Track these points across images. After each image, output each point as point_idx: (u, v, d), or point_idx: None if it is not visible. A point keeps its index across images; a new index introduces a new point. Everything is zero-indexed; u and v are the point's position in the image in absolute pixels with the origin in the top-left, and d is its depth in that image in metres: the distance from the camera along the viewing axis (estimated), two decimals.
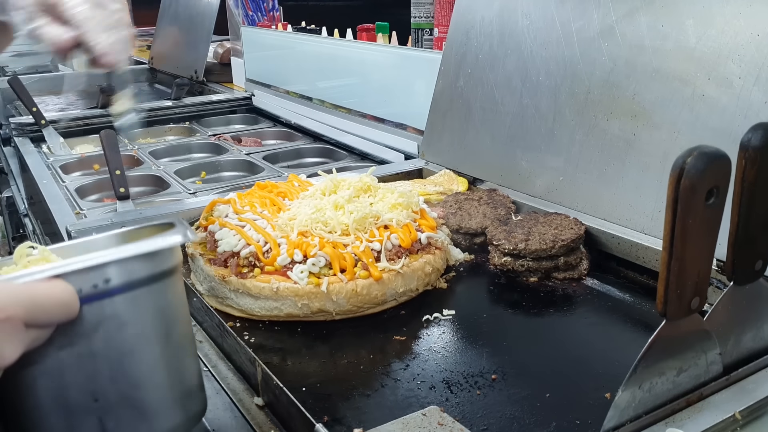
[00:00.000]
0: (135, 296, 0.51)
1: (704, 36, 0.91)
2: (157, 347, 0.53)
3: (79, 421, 0.50)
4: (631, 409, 0.58)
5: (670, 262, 0.54)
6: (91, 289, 0.49)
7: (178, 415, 0.54)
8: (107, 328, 0.49)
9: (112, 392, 0.50)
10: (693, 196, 0.52)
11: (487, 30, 1.24)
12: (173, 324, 0.55)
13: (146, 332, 0.52)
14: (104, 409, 0.50)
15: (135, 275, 0.51)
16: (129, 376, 0.51)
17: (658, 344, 0.57)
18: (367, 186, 1.04)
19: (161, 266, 0.53)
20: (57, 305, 0.46)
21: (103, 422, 0.50)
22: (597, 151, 1.04)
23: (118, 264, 0.50)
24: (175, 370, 0.54)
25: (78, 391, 0.49)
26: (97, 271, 0.49)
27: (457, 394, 0.72)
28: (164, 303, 0.54)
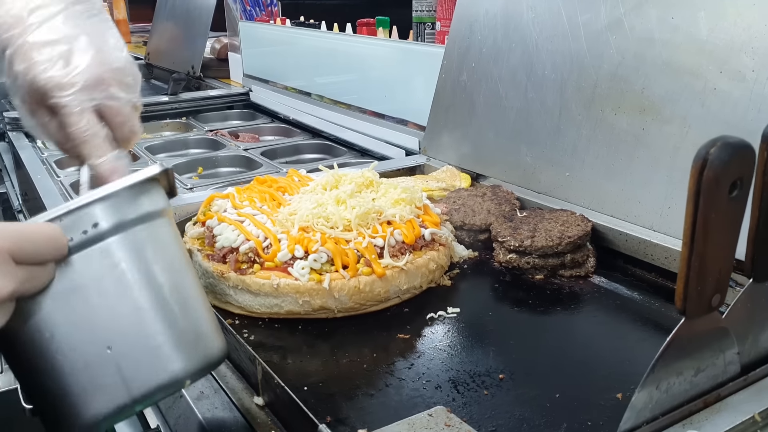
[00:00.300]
0: (128, 237, 0.51)
1: (716, 28, 0.89)
2: (160, 289, 0.52)
3: (98, 372, 0.49)
4: (648, 410, 0.56)
5: (690, 257, 0.52)
6: (81, 235, 0.49)
7: (194, 356, 0.53)
8: (106, 274, 0.49)
9: (123, 338, 0.50)
10: (716, 189, 0.50)
11: (492, 23, 1.22)
12: (173, 265, 0.54)
13: (145, 274, 0.51)
14: (119, 355, 0.49)
15: (123, 216, 0.51)
16: (136, 320, 0.50)
17: (676, 343, 0.55)
18: (369, 181, 1.02)
19: (148, 206, 0.53)
20: (43, 238, 0.46)
21: (120, 369, 0.50)
22: (604, 147, 1.02)
23: (103, 205, 0.50)
24: (182, 311, 0.53)
25: (90, 342, 0.49)
26: (83, 215, 0.49)
27: (464, 394, 0.70)
28: (160, 244, 0.54)
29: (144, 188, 0.53)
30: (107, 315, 0.49)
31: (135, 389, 0.50)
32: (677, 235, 0.91)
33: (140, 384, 0.51)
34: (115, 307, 0.50)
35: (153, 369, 0.51)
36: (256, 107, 2.42)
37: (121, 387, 0.50)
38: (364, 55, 1.82)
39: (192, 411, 0.74)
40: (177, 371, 0.52)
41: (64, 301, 0.48)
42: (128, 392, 0.50)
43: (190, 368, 0.53)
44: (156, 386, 0.51)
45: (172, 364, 0.52)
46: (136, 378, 0.50)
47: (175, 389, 0.54)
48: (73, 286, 0.49)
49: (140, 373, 0.50)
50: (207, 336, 0.56)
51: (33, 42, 0.62)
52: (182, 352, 0.52)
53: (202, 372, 0.55)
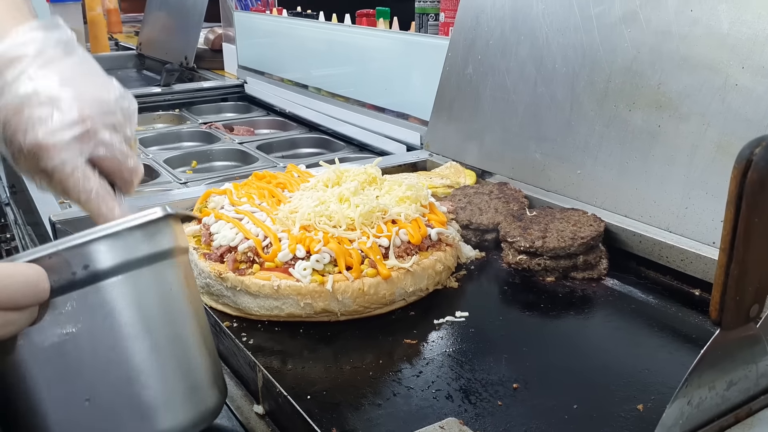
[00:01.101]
0: (124, 281, 0.47)
1: (738, 21, 0.85)
2: (151, 338, 0.48)
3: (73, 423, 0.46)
4: (678, 426, 0.53)
5: (729, 265, 0.48)
6: (69, 276, 0.45)
7: (186, 411, 0.50)
8: (92, 319, 0.46)
9: (105, 390, 0.46)
10: (761, 192, 0.46)
11: (499, 14, 1.18)
12: (172, 314, 0.50)
13: (140, 323, 0.47)
14: (98, 408, 0.46)
15: (120, 257, 0.47)
16: (121, 374, 0.47)
17: (710, 355, 0.51)
18: (373, 178, 0.98)
19: (150, 248, 0.49)
20: (20, 284, 0.43)
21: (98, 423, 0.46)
22: (618, 144, 0.98)
23: (98, 245, 0.46)
24: (177, 363, 0.50)
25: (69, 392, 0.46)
26: (74, 255, 0.45)
27: (477, 404, 0.66)
28: (161, 289, 0.50)
29: (148, 228, 0.49)
30: (89, 364, 0.46)
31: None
32: (694, 237, 0.88)
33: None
34: (98, 356, 0.46)
35: (135, 426, 0.47)
36: (251, 99, 2.37)
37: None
38: (364, 46, 1.78)
39: None
40: (162, 429, 0.48)
41: (44, 343, 0.45)
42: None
43: (178, 426, 0.49)
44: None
45: (158, 422, 0.48)
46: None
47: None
48: (55, 329, 0.45)
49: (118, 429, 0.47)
50: (203, 389, 0.52)
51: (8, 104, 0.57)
52: (171, 409, 0.49)
53: (194, 429, 0.51)
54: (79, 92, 0.59)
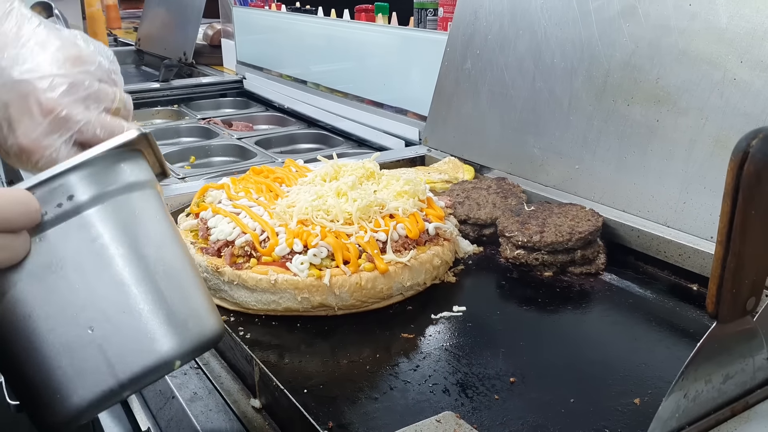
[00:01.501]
0: (107, 209, 0.48)
1: (737, 15, 0.85)
2: (144, 264, 0.49)
3: (80, 354, 0.46)
4: (674, 420, 0.53)
5: (725, 258, 0.48)
6: (56, 209, 0.46)
7: (184, 335, 0.50)
8: (84, 250, 0.46)
9: (105, 317, 0.47)
10: (757, 185, 0.46)
11: (498, 9, 1.18)
12: (160, 239, 0.51)
13: (130, 249, 0.48)
14: (101, 337, 0.46)
15: (101, 186, 0.48)
16: (120, 298, 0.47)
17: (706, 348, 0.51)
18: (371, 172, 0.98)
19: (129, 176, 0.50)
20: (12, 202, 0.43)
21: (104, 351, 0.47)
22: (616, 139, 0.98)
23: (77, 174, 0.46)
24: (171, 288, 0.50)
25: (70, 323, 0.46)
26: (57, 186, 0.46)
27: (474, 398, 0.66)
28: (144, 216, 0.50)
29: (123, 156, 0.50)
30: (87, 293, 0.46)
31: (121, 372, 0.47)
32: (692, 232, 0.88)
33: (126, 367, 0.47)
34: (95, 284, 0.47)
35: (139, 351, 0.47)
36: (249, 95, 2.37)
37: (106, 371, 0.47)
38: (362, 42, 1.77)
39: (185, 413, 0.70)
40: (165, 352, 0.48)
41: (39, 278, 0.45)
42: (114, 376, 0.47)
43: (179, 349, 0.49)
44: (143, 369, 0.48)
45: (160, 344, 0.48)
46: (121, 360, 0.47)
47: (166, 371, 0.50)
48: (49, 262, 0.46)
49: (126, 355, 0.47)
50: (199, 314, 0.52)
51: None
52: (171, 332, 0.49)
53: (194, 353, 0.51)
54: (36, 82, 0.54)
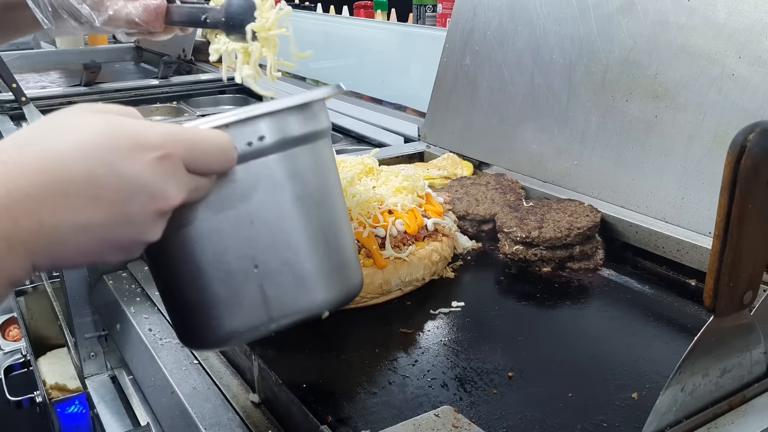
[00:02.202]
0: (290, 156, 0.49)
1: (735, 11, 0.85)
2: (315, 212, 0.50)
3: (241, 287, 0.48)
4: (672, 413, 0.53)
5: (723, 251, 0.48)
6: (245, 147, 0.47)
7: (337, 286, 0.52)
8: (264, 190, 0.48)
9: (271, 258, 0.48)
10: (755, 178, 0.46)
11: (496, 5, 1.18)
12: (329, 189, 0.53)
13: (303, 195, 0.50)
14: (264, 275, 0.48)
15: (288, 133, 0.49)
16: (288, 242, 0.49)
17: (704, 342, 0.52)
18: (369, 168, 0.98)
19: (314, 125, 0.51)
20: (216, 149, 0.45)
21: (263, 289, 0.49)
22: (615, 134, 0.98)
23: (271, 119, 0.48)
24: (333, 239, 0.52)
25: (238, 257, 0.48)
26: (250, 127, 0.47)
27: (472, 392, 0.66)
28: (320, 165, 0.52)
29: (313, 107, 0.51)
30: (259, 232, 0.48)
31: (274, 311, 0.49)
32: (690, 227, 0.88)
33: (280, 307, 0.49)
34: (267, 225, 0.48)
35: (295, 294, 0.50)
36: (248, 92, 2.36)
37: (261, 307, 0.49)
38: (362, 38, 1.77)
39: (184, 408, 0.70)
40: (318, 300, 0.51)
41: (218, 211, 0.47)
42: (267, 313, 0.49)
43: (331, 299, 0.52)
44: (295, 311, 0.50)
45: (315, 292, 0.50)
46: (277, 300, 0.49)
47: (314, 316, 0.52)
48: (229, 197, 0.47)
49: (282, 296, 0.49)
50: (351, 267, 0.54)
51: None
52: (326, 282, 0.51)
53: (341, 303, 0.54)
54: None
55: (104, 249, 0.42)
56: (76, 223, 0.40)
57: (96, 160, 0.40)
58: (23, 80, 2.40)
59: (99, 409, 1.00)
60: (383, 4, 1.74)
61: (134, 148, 0.41)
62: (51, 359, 1.50)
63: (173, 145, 0.42)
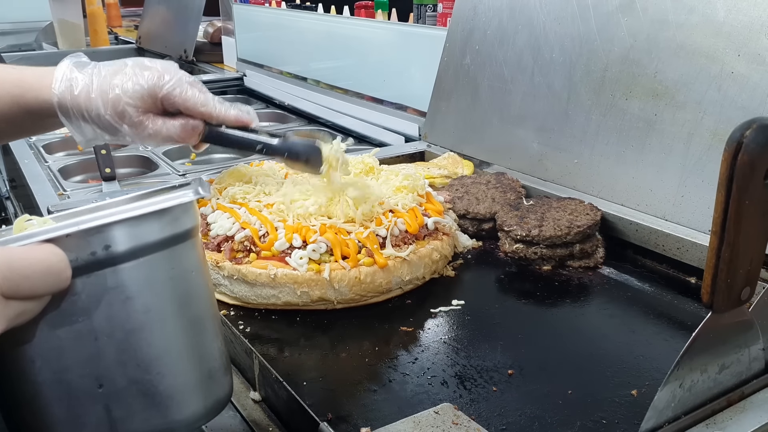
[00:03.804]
0: (143, 264, 0.44)
1: (734, 9, 0.85)
2: (169, 324, 0.46)
3: (83, 410, 0.44)
4: (670, 409, 0.53)
5: (720, 248, 0.48)
6: (88, 257, 0.42)
7: (197, 402, 0.48)
8: (110, 303, 0.43)
9: (118, 376, 0.44)
10: (751, 174, 0.46)
11: (497, 4, 1.18)
12: (189, 297, 0.48)
13: (156, 307, 0.45)
14: (110, 396, 0.44)
15: (140, 240, 0.44)
16: (137, 358, 0.44)
17: (702, 338, 0.52)
18: (370, 167, 0.98)
19: (172, 229, 0.46)
20: (41, 272, 0.39)
21: (110, 411, 0.44)
22: (615, 133, 0.98)
23: (121, 227, 0.43)
24: (191, 351, 0.47)
25: (80, 376, 0.43)
26: (95, 236, 0.42)
27: (472, 390, 0.66)
28: (178, 272, 0.47)
29: (174, 211, 0.46)
30: (105, 349, 0.43)
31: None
32: (690, 225, 0.88)
33: (129, 430, 0.45)
34: (114, 341, 0.43)
35: (146, 416, 0.45)
36: (250, 92, 2.37)
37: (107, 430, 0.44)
38: (362, 38, 1.78)
39: None
40: (176, 419, 0.46)
41: (57, 326, 0.42)
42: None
43: (190, 416, 0.47)
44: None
45: (171, 412, 0.46)
46: (125, 422, 0.45)
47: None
48: (69, 311, 0.42)
49: (131, 418, 0.45)
50: (217, 377, 0.50)
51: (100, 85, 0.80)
52: (183, 400, 0.47)
53: (203, 421, 0.49)
54: None
55: None
56: None
57: None
58: None
59: None
60: (384, 4, 1.74)
61: None
62: None
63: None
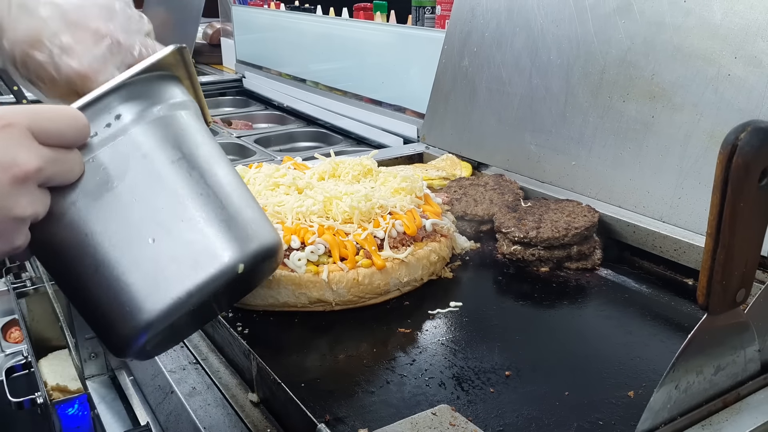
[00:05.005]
0: (152, 125, 0.49)
1: (731, 11, 0.85)
2: (196, 174, 0.50)
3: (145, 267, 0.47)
4: (666, 410, 0.53)
5: (715, 250, 0.49)
6: (105, 129, 0.47)
7: (242, 240, 0.51)
8: (136, 164, 0.48)
9: (163, 228, 0.48)
10: (746, 177, 0.46)
11: (495, 6, 1.18)
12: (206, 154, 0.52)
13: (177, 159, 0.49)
14: (164, 247, 0.48)
15: (144, 105, 0.49)
16: (175, 207, 0.48)
17: (697, 340, 0.52)
18: (368, 169, 0.99)
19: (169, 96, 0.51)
20: (63, 117, 0.45)
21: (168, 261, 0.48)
22: (612, 135, 0.98)
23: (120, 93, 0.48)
24: (223, 198, 0.51)
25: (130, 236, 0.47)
26: (103, 107, 0.47)
27: (469, 391, 0.66)
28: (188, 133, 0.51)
29: (163, 78, 0.52)
30: (144, 207, 0.47)
31: (188, 281, 0.48)
32: (687, 227, 0.89)
33: (191, 274, 0.48)
34: (150, 197, 0.48)
35: (201, 257, 0.48)
36: (249, 94, 2.38)
37: (173, 280, 0.47)
38: (361, 40, 1.78)
39: (183, 407, 0.70)
40: (227, 257, 0.49)
41: (97, 197, 0.47)
42: (181, 284, 0.47)
43: (240, 253, 0.50)
44: (208, 276, 0.48)
45: (221, 250, 0.49)
46: (185, 268, 0.48)
47: (230, 276, 0.50)
48: (104, 180, 0.47)
49: (188, 262, 0.48)
50: (255, 221, 0.53)
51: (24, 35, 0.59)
52: (228, 237, 0.50)
53: (256, 258, 0.52)
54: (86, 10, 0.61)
55: None
56: None
57: None
58: None
59: (99, 410, 1.01)
60: (382, 6, 1.74)
61: None
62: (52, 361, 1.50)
63: (13, 115, 0.42)
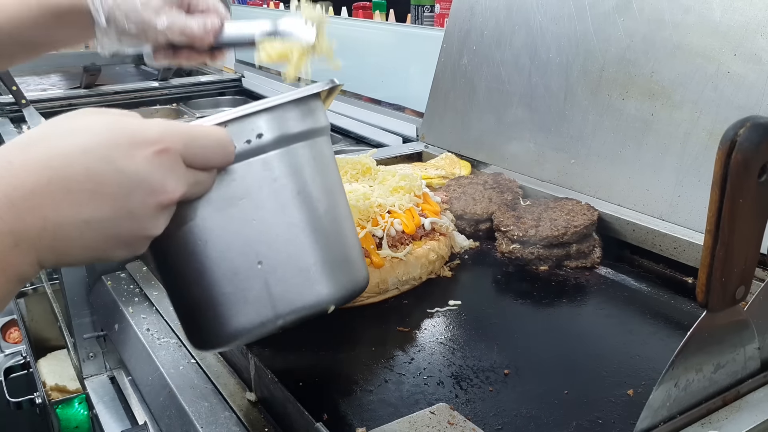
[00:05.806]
0: (289, 152, 0.49)
1: (730, 8, 0.85)
2: (316, 207, 0.51)
3: (246, 284, 0.49)
4: (665, 408, 0.53)
5: (715, 247, 0.48)
6: (244, 145, 0.47)
7: (342, 281, 0.52)
8: (264, 187, 0.48)
9: (274, 253, 0.49)
10: (745, 173, 0.46)
11: (494, 5, 1.18)
12: (330, 186, 0.53)
13: (303, 190, 0.50)
14: (269, 271, 0.49)
15: (286, 129, 0.49)
16: (290, 237, 0.49)
17: (696, 338, 0.52)
18: (367, 168, 0.98)
19: (311, 123, 0.51)
20: (214, 143, 0.46)
21: (268, 285, 0.49)
22: (611, 133, 0.98)
23: (268, 115, 0.48)
24: (336, 234, 0.53)
25: (242, 254, 0.48)
26: (248, 124, 0.48)
27: (468, 390, 0.66)
28: (319, 163, 0.52)
29: (310, 104, 0.52)
30: (261, 228, 0.48)
31: (280, 307, 0.50)
32: (687, 225, 0.88)
33: (286, 302, 0.50)
34: (269, 221, 0.49)
35: (300, 289, 0.50)
36: (248, 93, 2.37)
37: (267, 303, 0.49)
38: (360, 39, 1.78)
39: (181, 407, 0.70)
40: (323, 295, 0.51)
41: (220, 208, 0.47)
42: (273, 309, 0.49)
43: (336, 293, 0.52)
44: (301, 307, 0.50)
45: (320, 286, 0.51)
46: (282, 295, 0.49)
47: (319, 312, 0.52)
48: (230, 194, 0.47)
49: (287, 291, 0.49)
50: (355, 262, 0.55)
51: None
52: (330, 276, 0.51)
53: (347, 298, 0.54)
54: None
55: (108, 245, 0.43)
56: (78, 218, 0.41)
57: (96, 157, 0.41)
58: (24, 83, 2.41)
59: (98, 410, 1.01)
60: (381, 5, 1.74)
61: (133, 144, 0.42)
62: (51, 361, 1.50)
63: (171, 139, 0.43)
